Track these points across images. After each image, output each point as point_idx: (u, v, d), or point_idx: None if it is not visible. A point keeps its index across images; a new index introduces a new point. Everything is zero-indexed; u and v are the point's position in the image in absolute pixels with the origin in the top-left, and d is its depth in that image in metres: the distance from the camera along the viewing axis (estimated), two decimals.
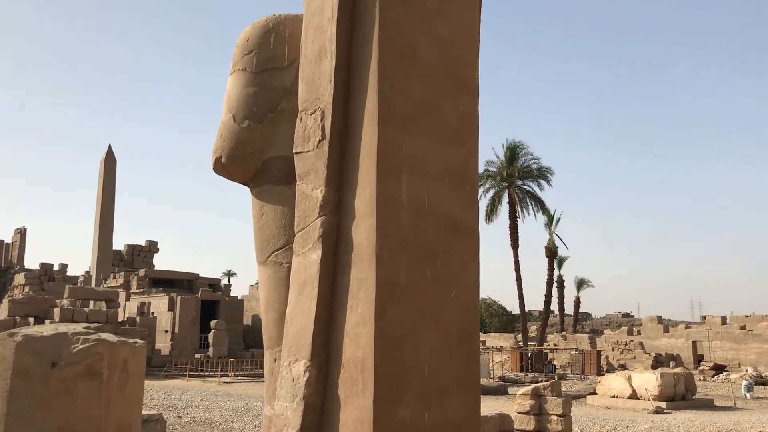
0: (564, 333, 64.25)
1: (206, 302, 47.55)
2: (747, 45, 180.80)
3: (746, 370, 42.46)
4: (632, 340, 55.16)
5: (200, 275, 54.64)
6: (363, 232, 3.25)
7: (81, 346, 4.79)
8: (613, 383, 26.27)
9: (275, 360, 3.68)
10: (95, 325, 5.38)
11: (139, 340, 5.23)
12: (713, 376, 43.09)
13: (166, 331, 45.96)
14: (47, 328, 5.07)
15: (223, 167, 4.00)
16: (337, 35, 3.47)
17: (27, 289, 56.27)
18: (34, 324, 38.92)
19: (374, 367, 3.05)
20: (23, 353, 4.71)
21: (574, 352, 47.16)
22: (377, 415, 3.02)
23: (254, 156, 3.91)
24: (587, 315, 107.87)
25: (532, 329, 63.36)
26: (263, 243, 3.87)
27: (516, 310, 62.55)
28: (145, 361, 5.29)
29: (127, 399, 5.01)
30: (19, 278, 63.21)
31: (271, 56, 3.96)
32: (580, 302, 74.67)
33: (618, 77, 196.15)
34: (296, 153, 3.64)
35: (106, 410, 4.81)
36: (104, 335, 5.03)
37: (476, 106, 3.66)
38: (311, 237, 3.45)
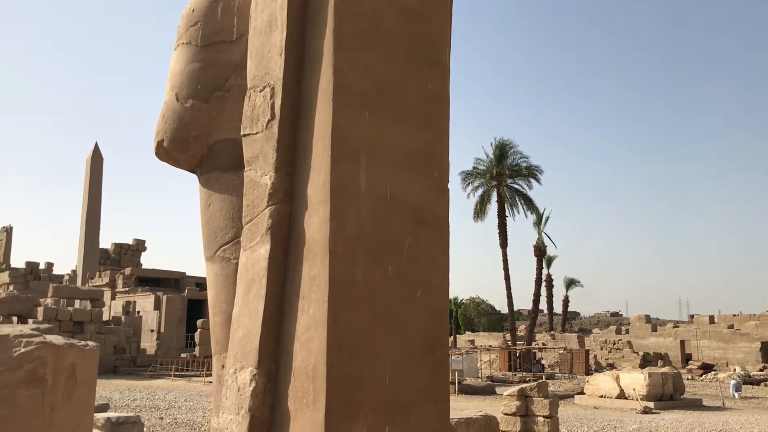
0: (552, 332, 64.09)
1: (193, 301, 47.06)
2: (741, 46, 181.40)
3: (734, 370, 42.43)
4: (620, 340, 55.07)
5: (187, 274, 54.10)
6: (316, 223, 2.88)
7: (23, 350, 4.40)
8: (601, 383, 26.03)
9: (223, 366, 3.31)
10: (45, 326, 4.97)
11: (90, 343, 4.84)
12: (701, 376, 43.00)
13: (152, 331, 45.43)
14: None
15: (166, 152, 3.61)
16: (288, 3, 3.09)
17: (11, 287, 55.56)
18: (18, 323, 38.31)
19: (326, 377, 2.68)
20: None
21: (562, 352, 46.94)
22: (329, 431, 2.66)
23: (199, 139, 3.52)
24: (576, 314, 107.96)
25: (521, 328, 63.10)
26: (210, 237, 3.49)
27: (505, 309, 62.25)
28: (96, 365, 4.90)
29: (75, 407, 4.62)
30: (3, 277, 62.46)
31: (218, 28, 3.57)
32: (568, 301, 74.52)
33: (610, 74, 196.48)
34: (244, 135, 3.26)
35: (50, 419, 4.42)
36: (50, 337, 4.63)
37: (446, 84, 3.30)
38: (259, 229, 3.07)
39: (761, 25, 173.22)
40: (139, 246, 76.23)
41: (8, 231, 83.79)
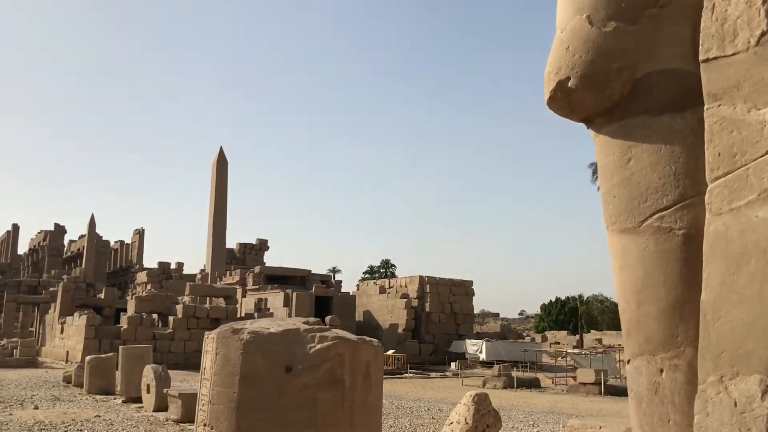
0: None
1: (320, 298, 47.66)
2: None
3: None
4: None
5: (312, 271, 54.98)
6: None
7: (318, 346, 3.80)
8: None
9: (661, 371, 2.52)
10: (313, 319, 4.40)
11: (375, 340, 4.22)
12: None
13: None
14: (267, 323, 4.14)
15: (568, 95, 2.81)
16: None
17: (149, 286, 58.51)
18: (158, 320, 39.97)
19: None
20: (253, 354, 3.75)
21: None
22: None
23: (622, 74, 2.68)
24: None
25: None
26: (632, 202, 2.67)
27: None
28: (383, 364, 4.30)
29: (370, 412, 3.99)
30: (141, 276, 65.93)
31: None
32: None
33: None
34: (705, 61, 2.45)
35: (350, 426, 3.80)
36: (340, 332, 4.04)
37: None
38: (752, 184, 2.26)
39: None
40: (263, 245, 78.44)
41: (141, 233, 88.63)
